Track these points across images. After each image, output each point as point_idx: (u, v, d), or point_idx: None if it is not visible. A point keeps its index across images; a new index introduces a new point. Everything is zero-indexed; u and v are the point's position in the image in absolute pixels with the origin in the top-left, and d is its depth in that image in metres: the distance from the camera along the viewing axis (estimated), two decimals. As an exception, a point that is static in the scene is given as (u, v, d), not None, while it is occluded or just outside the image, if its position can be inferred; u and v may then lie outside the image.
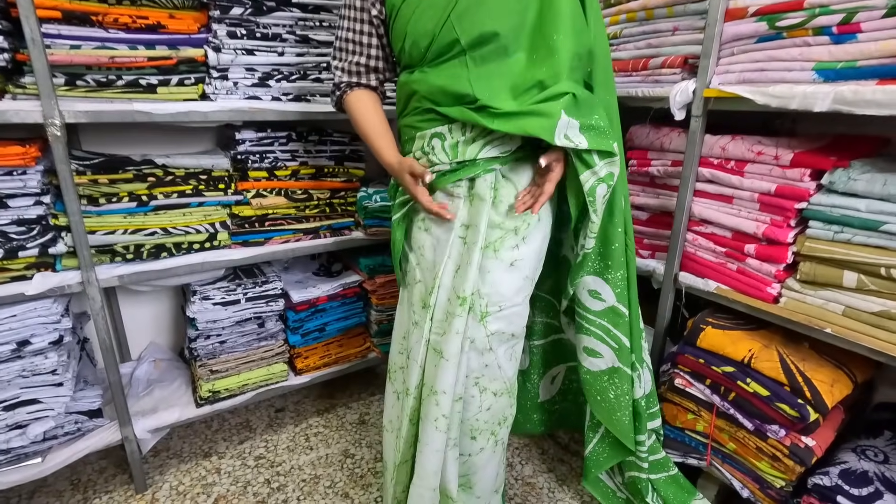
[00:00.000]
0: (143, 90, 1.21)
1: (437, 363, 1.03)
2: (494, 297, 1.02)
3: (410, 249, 1.10)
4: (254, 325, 1.47)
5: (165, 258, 1.31)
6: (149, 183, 1.26)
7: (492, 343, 1.04)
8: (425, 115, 1.00)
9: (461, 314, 0.99)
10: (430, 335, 1.05)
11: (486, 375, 1.07)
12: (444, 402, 1.02)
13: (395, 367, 1.17)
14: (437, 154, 1.00)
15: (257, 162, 1.43)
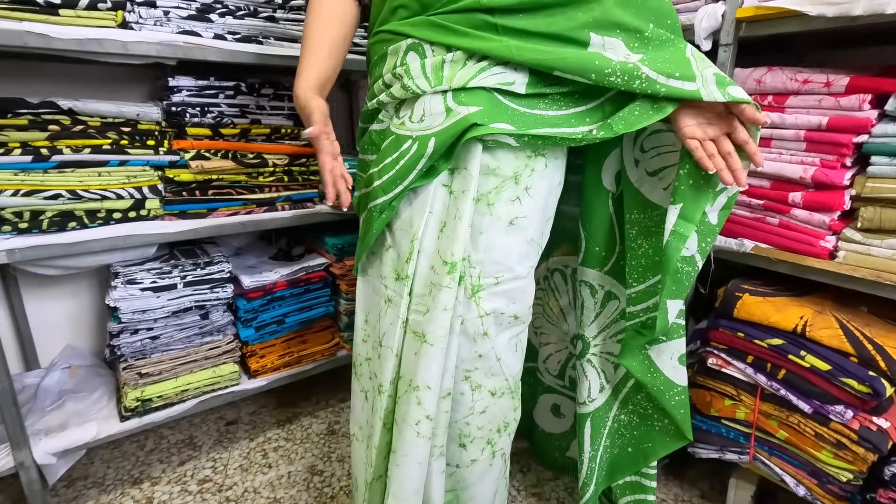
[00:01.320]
0: (39, 10, 0.94)
1: (417, 350, 0.78)
2: (489, 265, 0.79)
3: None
4: (195, 317, 1.19)
5: (75, 229, 1.03)
6: (50, 132, 0.99)
7: (487, 326, 0.80)
8: (407, 20, 0.77)
9: (449, 285, 0.75)
10: (409, 314, 0.80)
11: (479, 369, 0.83)
12: (427, 401, 0.78)
13: (360, 359, 0.92)
14: (413, 79, 0.75)
15: (198, 116, 1.17)
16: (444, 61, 0.73)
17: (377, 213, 0.81)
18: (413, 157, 0.75)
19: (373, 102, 0.83)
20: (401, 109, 0.79)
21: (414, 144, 0.75)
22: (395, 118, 0.79)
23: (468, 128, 0.71)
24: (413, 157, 0.75)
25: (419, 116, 0.75)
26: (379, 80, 0.80)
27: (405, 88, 0.74)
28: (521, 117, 0.74)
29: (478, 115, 0.71)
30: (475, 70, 0.73)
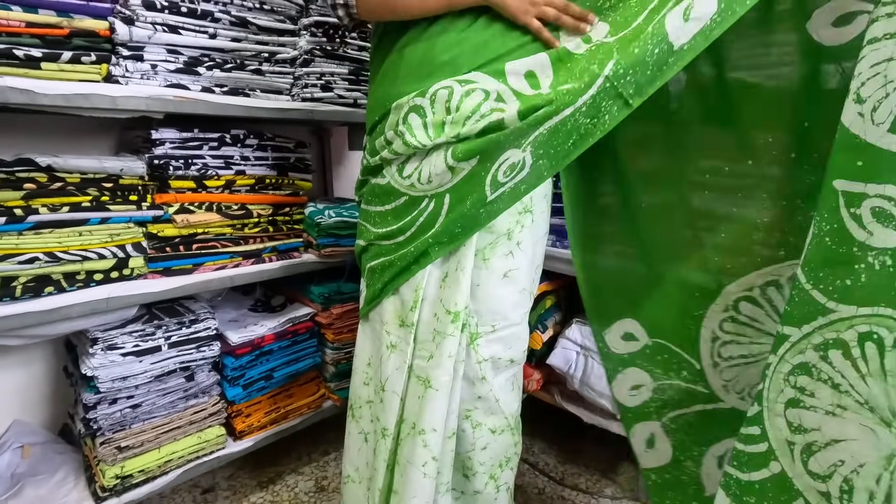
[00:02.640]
0: (20, 63, 0.89)
1: (421, 394, 0.82)
2: (486, 314, 0.85)
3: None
4: (180, 379, 1.12)
5: (51, 294, 0.94)
6: (26, 191, 0.91)
7: (485, 371, 0.86)
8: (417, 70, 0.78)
9: (454, 333, 0.81)
10: (413, 360, 0.84)
11: (479, 409, 0.88)
12: (433, 443, 0.82)
13: (359, 402, 0.94)
14: (414, 136, 0.76)
15: (181, 169, 1.13)
16: (444, 122, 0.75)
17: (396, 264, 0.83)
18: (432, 214, 0.79)
19: (375, 159, 0.85)
20: (405, 168, 0.81)
21: (431, 202, 0.79)
22: (399, 176, 0.82)
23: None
24: (432, 214, 0.79)
25: (427, 177, 0.78)
26: (381, 137, 0.82)
27: (407, 145, 0.77)
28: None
29: (481, 167, 0.75)
30: (478, 121, 0.73)
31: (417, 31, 0.80)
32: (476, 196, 0.76)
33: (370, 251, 0.89)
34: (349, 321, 1.40)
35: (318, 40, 1.27)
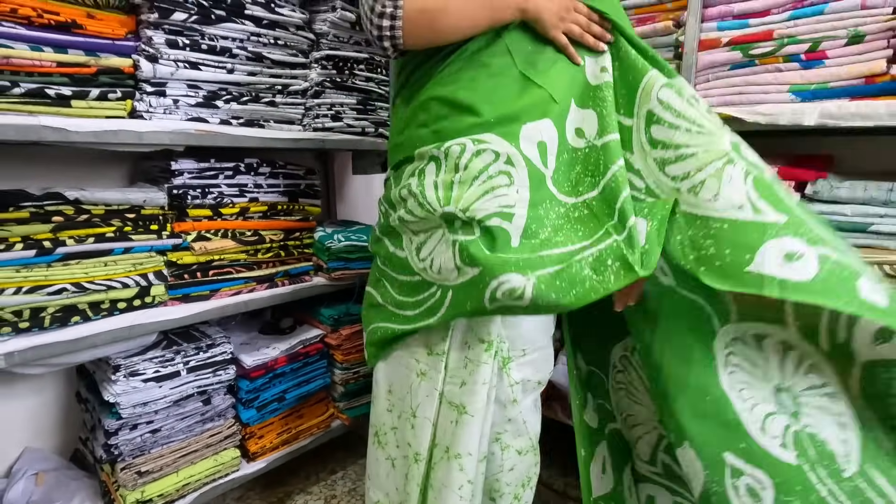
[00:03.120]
0: (52, 102, 0.92)
1: (455, 419, 0.86)
2: (517, 340, 0.89)
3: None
4: (197, 403, 1.15)
5: (77, 324, 0.97)
6: (54, 224, 0.94)
7: (516, 394, 0.90)
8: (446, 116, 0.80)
9: (487, 361, 0.85)
10: (444, 386, 0.88)
11: (508, 431, 0.92)
12: (468, 466, 0.86)
13: (384, 428, 0.96)
14: (426, 197, 0.78)
15: (199, 198, 1.17)
16: (453, 181, 0.78)
17: (395, 332, 0.88)
18: (437, 302, 0.82)
19: (394, 217, 0.85)
20: (422, 250, 0.83)
21: (438, 291, 0.82)
22: (416, 257, 0.84)
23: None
24: (437, 302, 0.82)
25: (437, 269, 0.80)
26: (402, 185, 0.83)
27: (421, 206, 0.79)
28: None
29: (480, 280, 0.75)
30: (480, 191, 0.76)
31: (446, 72, 0.83)
32: (473, 304, 0.76)
33: (380, 312, 0.91)
34: (357, 342, 1.44)
35: (328, 72, 1.33)
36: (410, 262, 0.85)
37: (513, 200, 0.76)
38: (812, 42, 1.01)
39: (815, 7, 1.01)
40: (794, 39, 1.03)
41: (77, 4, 0.96)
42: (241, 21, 1.15)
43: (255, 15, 1.17)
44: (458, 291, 0.78)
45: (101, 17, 0.99)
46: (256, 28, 1.18)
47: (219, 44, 1.13)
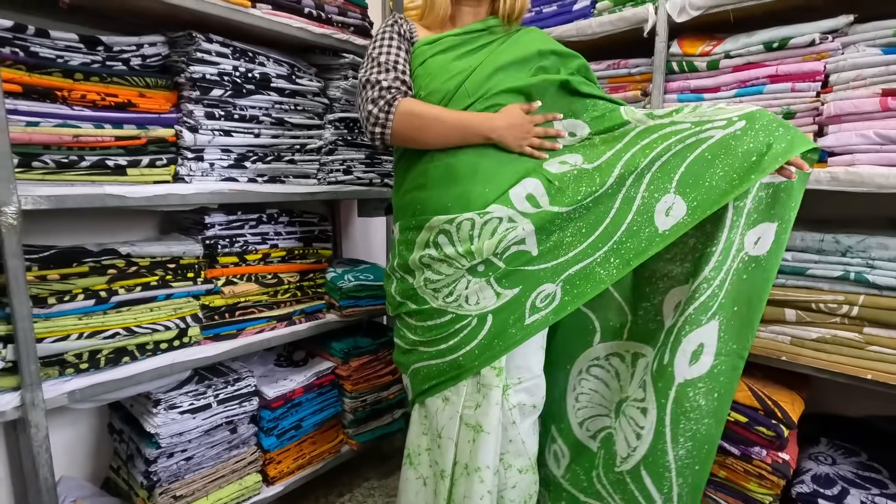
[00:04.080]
0: (111, 172, 1.07)
1: (472, 438, 1.02)
2: (513, 370, 1.05)
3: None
4: (225, 432, 1.27)
5: (127, 364, 1.10)
6: (109, 276, 1.08)
7: (515, 416, 1.05)
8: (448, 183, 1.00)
9: (497, 384, 1.01)
10: (463, 410, 1.03)
11: (510, 451, 1.07)
12: (488, 478, 1.01)
13: (419, 450, 1.11)
14: (453, 259, 0.98)
15: (227, 246, 1.32)
16: (471, 246, 0.97)
17: (441, 371, 1.04)
18: (474, 330, 1.01)
19: (418, 282, 1.03)
20: (450, 296, 1.01)
21: (474, 320, 1.01)
22: (442, 300, 1.01)
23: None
24: (474, 330, 1.01)
25: (475, 301, 1.00)
26: (423, 258, 1.01)
27: (449, 265, 0.99)
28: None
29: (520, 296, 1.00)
30: (496, 241, 0.96)
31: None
32: (516, 317, 0.98)
33: (413, 355, 1.07)
34: (365, 372, 1.58)
35: (340, 132, 1.50)
36: (436, 307, 1.02)
37: (523, 233, 0.98)
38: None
39: (755, 87, 1.22)
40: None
41: (131, 86, 1.12)
42: (267, 92, 1.32)
43: (279, 86, 1.34)
44: (498, 313, 0.99)
45: (151, 95, 1.15)
46: (280, 97, 1.35)
47: (248, 112, 1.29)
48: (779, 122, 0.92)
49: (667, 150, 0.96)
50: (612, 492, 1.08)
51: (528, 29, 1.15)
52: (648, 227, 0.97)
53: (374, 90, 0.99)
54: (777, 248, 0.97)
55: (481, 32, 1.09)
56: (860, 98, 1.08)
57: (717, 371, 0.99)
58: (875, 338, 1.10)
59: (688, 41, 1.31)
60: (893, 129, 1.04)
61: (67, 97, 1.01)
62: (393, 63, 1.02)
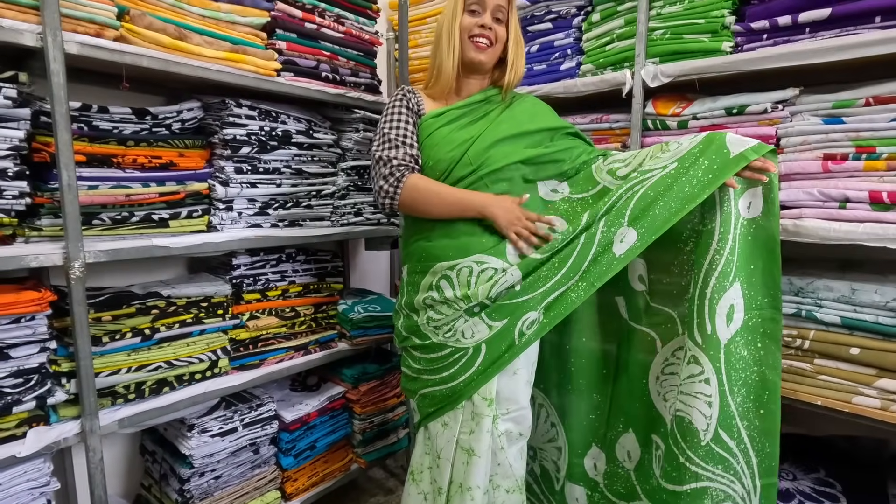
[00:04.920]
0: (156, 224, 1.23)
1: (466, 461, 1.16)
2: (503, 402, 1.19)
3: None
4: (249, 453, 1.41)
5: (167, 393, 1.24)
6: (152, 315, 1.23)
7: (503, 442, 1.19)
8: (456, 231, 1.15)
9: (489, 413, 1.16)
10: (459, 435, 1.18)
11: (498, 473, 1.21)
12: (478, 497, 1.15)
13: (422, 468, 1.25)
14: (444, 294, 1.14)
15: (251, 284, 1.47)
16: (468, 291, 1.13)
17: (444, 396, 1.19)
18: (471, 359, 1.15)
19: (421, 321, 1.18)
20: (449, 332, 1.16)
21: (470, 350, 1.15)
22: (443, 336, 1.16)
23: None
24: (471, 359, 1.15)
25: (470, 335, 1.15)
26: (426, 299, 1.16)
27: (449, 306, 1.14)
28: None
29: (508, 326, 1.14)
30: (488, 286, 1.11)
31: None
32: (507, 344, 1.13)
33: (418, 382, 1.22)
34: (373, 396, 1.72)
35: (352, 178, 1.66)
36: (437, 342, 1.17)
37: (512, 279, 1.12)
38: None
39: (718, 146, 1.38)
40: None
41: (173, 148, 1.28)
42: (288, 147, 1.48)
43: (299, 141, 1.50)
44: (490, 343, 1.14)
45: (188, 154, 1.31)
46: (299, 150, 1.51)
47: (271, 165, 1.45)
48: (735, 138, 1.09)
49: (619, 198, 1.14)
50: (706, 465, 1.12)
51: (523, 97, 1.30)
52: (608, 254, 1.12)
53: (385, 167, 1.13)
54: (770, 206, 1.10)
55: (481, 103, 1.25)
56: (806, 160, 1.25)
57: (752, 324, 1.12)
58: (824, 368, 1.26)
59: (661, 102, 1.49)
60: (833, 189, 1.20)
61: (121, 162, 1.17)
62: (402, 139, 1.16)
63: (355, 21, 1.62)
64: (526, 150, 1.19)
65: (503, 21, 1.23)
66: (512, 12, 1.24)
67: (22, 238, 1.05)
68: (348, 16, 1.60)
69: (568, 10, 1.66)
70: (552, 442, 1.40)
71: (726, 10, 1.33)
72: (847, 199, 1.19)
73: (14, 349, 1.00)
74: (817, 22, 1.20)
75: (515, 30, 1.25)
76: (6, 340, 0.99)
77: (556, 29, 1.68)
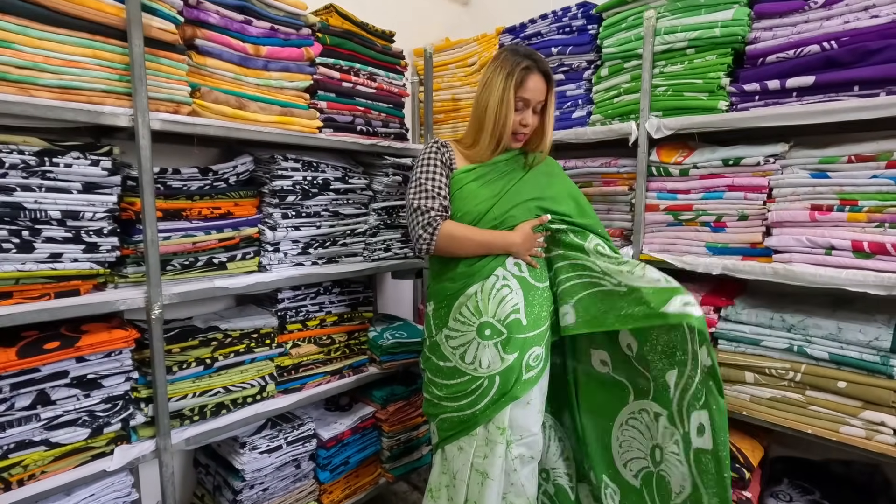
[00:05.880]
0: (216, 267, 1.41)
1: (481, 482, 1.30)
2: (517, 429, 1.33)
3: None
4: (292, 468, 1.58)
5: (225, 415, 1.42)
6: (212, 346, 1.41)
7: (516, 465, 1.34)
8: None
9: (501, 441, 1.30)
10: (473, 458, 1.33)
11: (511, 492, 1.35)
12: None
13: (438, 486, 1.40)
14: (466, 319, 1.31)
15: (294, 316, 1.64)
16: (478, 304, 1.30)
17: (461, 421, 1.34)
18: (486, 388, 1.31)
19: (440, 335, 1.36)
20: (466, 355, 1.32)
21: (486, 381, 1.30)
22: (462, 361, 1.32)
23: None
24: (486, 388, 1.31)
25: (486, 364, 1.30)
26: (450, 318, 1.34)
27: (463, 323, 1.31)
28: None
29: (518, 360, 1.30)
30: (496, 302, 1.30)
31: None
32: (517, 375, 1.29)
33: (439, 408, 1.37)
34: (400, 415, 1.88)
35: (382, 218, 1.83)
36: (459, 367, 1.32)
37: (516, 300, 1.30)
38: (717, 215, 1.52)
39: (717, 193, 1.52)
40: (706, 212, 1.53)
41: (229, 199, 1.46)
42: (327, 193, 1.66)
43: (336, 187, 1.68)
44: (503, 374, 1.29)
45: (242, 203, 1.49)
46: (336, 195, 1.69)
47: (312, 210, 1.63)
48: (679, 307, 1.16)
49: (579, 278, 1.37)
50: None
51: (542, 160, 1.43)
52: (559, 318, 1.40)
53: (424, 217, 1.28)
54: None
55: (506, 162, 1.39)
56: (795, 210, 1.38)
57: (718, 447, 1.18)
58: (815, 399, 1.38)
59: (665, 150, 1.63)
60: (820, 237, 1.33)
61: (188, 214, 1.36)
62: (437, 190, 1.30)
63: (386, 76, 1.80)
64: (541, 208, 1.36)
65: (540, 111, 1.36)
66: (550, 102, 1.35)
67: (112, 284, 1.23)
68: (379, 72, 1.78)
69: (579, 63, 1.82)
70: (562, 455, 1.54)
71: (722, 73, 1.47)
72: (832, 246, 1.32)
73: (105, 379, 1.18)
74: (803, 88, 1.34)
75: (549, 116, 1.36)
76: (100, 372, 1.17)
77: (568, 80, 1.84)
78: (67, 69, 1.08)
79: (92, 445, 1.18)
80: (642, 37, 1.59)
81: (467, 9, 2.60)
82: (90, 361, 1.15)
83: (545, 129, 1.37)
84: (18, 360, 1.05)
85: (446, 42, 2.31)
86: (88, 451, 1.17)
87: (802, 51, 1.34)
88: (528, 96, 1.29)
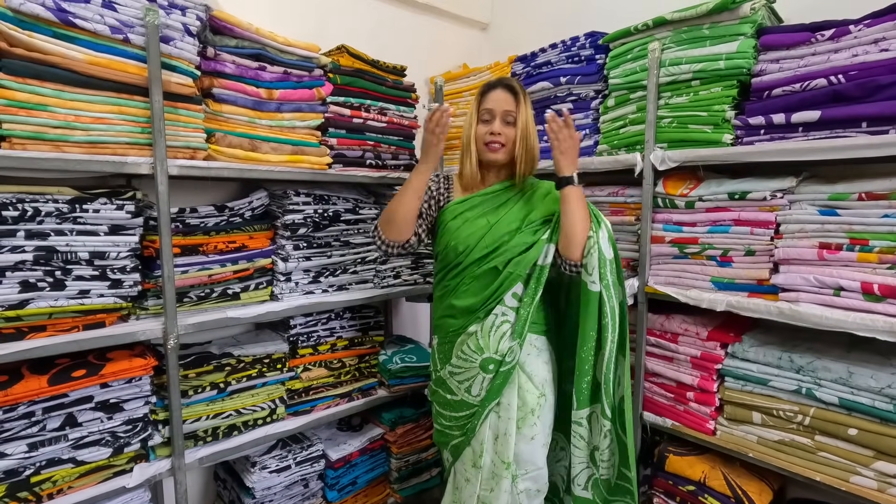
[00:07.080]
0: (231, 298, 1.51)
1: None
2: (522, 464, 1.36)
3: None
4: (300, 487, 1.66)
5: (236, 436, 1.52)
6: (226, 371, 1.51)
7: (522, 499, 1.36)
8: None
9: (506, 475, 1.33)
10: (480, 490, 1.36)
11: None
12: None
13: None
14: (468, 357, 1.36)
15: (305, 341, 1.73)
16: (478, 341, 1.35)
17: (456, 445, 1.39)
18: (476, 416, 1.35)
19: (444, 371, 1.42)
20: (472, 388, 1.37)
21: (482, 411, 1.36)
22: (468, 394, 1.37)
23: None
24: (476, 416, 1.35)
25: (477, 391, 1.36)
26: (452, 357, 1.40)
27: (465, 361, 1.37)
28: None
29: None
30: (497, 337, 1.34)
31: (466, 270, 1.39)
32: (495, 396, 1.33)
33: (448, 436, 1.43)
34: (408, 437, 1.93)
35: (391, 245, 1.89)
36: (467, 400, 1.37)
37: (509, 328, 1.33)
38: (723, 250, 1.48)
39: (723, 227, 1.49)
40: (712, 246, 1.50)
41: (244, 232, 1.57)
42: (337, 224, 1.74)
43: (347, 218, 1.76)
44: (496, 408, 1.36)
45: (256, 236, 1.59)
46: (346, 226, 1.77)
47: (323, 241, 1.71)
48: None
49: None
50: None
51: (537, 186, 1.46)
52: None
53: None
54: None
55: (498, 192, 1.44)
56: (803, 247, 1.33)
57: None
58: (824, 445, 1.32)
59: (671, 182, 1.61)
60: (828, 277, 1.28)
61: (205, 248, 1.47)
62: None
63: (396, 110, 1.87)
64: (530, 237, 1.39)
65: (513, 123, 1.40)
66: (520, 113, 1.39)
67: (134, 316, 1.35)
68: (390, 106, 1.85)
69: (587, 93, 1.82)
70: (560, 462, 1.57)
71: (727, 105, 1.44)
72: (841, 287, 1.27)
73: (126, 403, 1.30)
74: (809, 123, 1.30)
75: (523, 128, 1.39)
76: (122, 396, 1.28)
77: (576, 109, 1.85)
78: (95, 126, 1.21)
79: (114, 463, 1.29)
80: (647, 68, 1.58)
81: (486, 34, 2.64)
82: (113, 387, 1.27)
83: (522, 145, 1.39)
84: (49, 388, 1.17)
85: (463, 68, 2.36)
86: (111, 469, 1.29)
87: (809, 84, 1.30)
88: (491, 106, 1.40)
